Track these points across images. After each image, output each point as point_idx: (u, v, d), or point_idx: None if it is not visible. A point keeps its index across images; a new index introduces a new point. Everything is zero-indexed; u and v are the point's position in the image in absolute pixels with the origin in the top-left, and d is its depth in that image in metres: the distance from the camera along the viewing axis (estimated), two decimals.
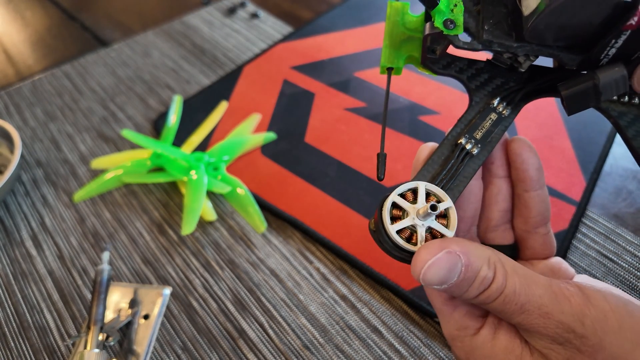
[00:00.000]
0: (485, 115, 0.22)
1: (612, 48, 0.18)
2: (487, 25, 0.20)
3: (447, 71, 0.23)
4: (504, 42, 0.20)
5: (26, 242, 0.37)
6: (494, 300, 0.19)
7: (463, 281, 0.18)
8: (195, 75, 0.52)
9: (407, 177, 0.39)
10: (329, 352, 0.30)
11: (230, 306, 0.33)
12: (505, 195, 0.24)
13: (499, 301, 0.19)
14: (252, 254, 0.35)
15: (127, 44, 0.57)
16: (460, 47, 0.20)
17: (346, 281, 0.33)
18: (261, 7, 0.61)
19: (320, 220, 0.36)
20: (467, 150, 0.22)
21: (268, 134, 0.43)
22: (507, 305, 0.19)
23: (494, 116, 0.22)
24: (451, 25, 0.20)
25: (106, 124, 0.47)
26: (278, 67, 0.51)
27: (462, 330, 0.21)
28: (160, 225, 0.38)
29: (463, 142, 0.22)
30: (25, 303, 0.34)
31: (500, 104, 0.22)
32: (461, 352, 0.22)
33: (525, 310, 0.19)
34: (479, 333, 0.21)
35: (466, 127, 0.22)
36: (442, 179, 0.21)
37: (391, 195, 0.20)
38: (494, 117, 0.22)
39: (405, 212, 0.20)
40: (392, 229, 0.19)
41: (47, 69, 0.55)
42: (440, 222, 0.20)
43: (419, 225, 0.19)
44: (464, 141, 0.22)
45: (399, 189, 0.20)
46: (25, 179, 0.42)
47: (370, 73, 0.49)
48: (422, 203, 0.20)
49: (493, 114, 0.22)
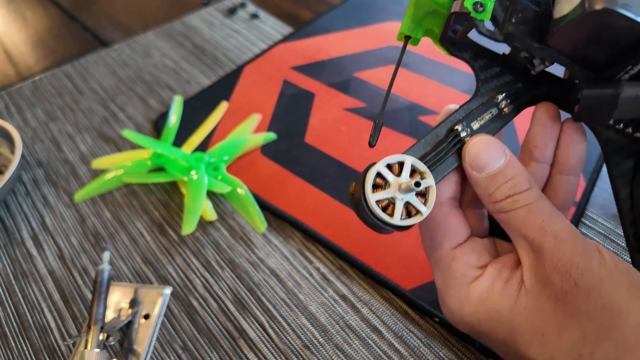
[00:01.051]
0: (487, 109, 0.22)
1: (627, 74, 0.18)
2: (514, 19, 0.20)
3: (461, 54, 0.23)
4: (526, 40, 0.20)
5: (27, 242, 0.37)
6: (520, 207, 0.20)
7: (500, 174, 0.20)
8: (196, 75, 0.52)
9: None
10: (329, 352, 0.30)
11: (231, 306, 0.33)
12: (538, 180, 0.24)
13: (523, 210, 0.20)
14: (253, 253, 0.35)
15: (127, 45, 0.57)
16: (482, 33, 0.20)
17: (346, 281, 0.33)
18: (261, 8, 0.61)
19: (320, 220, 0.36)
20: (460, 138, 0.22)
21: (268, 134, 0.43)
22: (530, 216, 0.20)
23: (495, 111, 0.22)
24: (480, 9, 0.19)
25: (107, 124, 0.47)
26: (278, 67, 0.51)
27: (460, 278, 0.22)
28: (161, 225, 0.38)
29: (459, 129, 0.22)
30: (26, 303, 0.34)
31: (504, 101, 0.22)
32: (455, 301, 0.22)
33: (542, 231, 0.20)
34: (477, 280, 0.22)
35: (466, 115, 0.22)
36: (430, 159, 0.21)
37: (378, 164, 0.20)
38: (494, 112, 0.22)
39: (387, 183, 0.20)
40: (372, 198, 0.19)
41: (47, 69, 0.55)
42: (418, 199, 0.20)
43: (398, 199, 0.20)
44: (460, 128, 0.22)
45: (386, 160, 0.20)
46: (25, 179, 0.42)
47: (370, 73, 0.49)
48: (406, 178, 0.20)
49: (495, 109, 0.22)
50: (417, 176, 0.21)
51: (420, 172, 0.21)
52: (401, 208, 0.20)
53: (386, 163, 0.20)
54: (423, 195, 0.21)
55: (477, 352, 0.29)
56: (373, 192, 0.20)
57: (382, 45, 0.53)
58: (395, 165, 0.21)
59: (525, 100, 0.23)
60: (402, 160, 0.20)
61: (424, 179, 0.20)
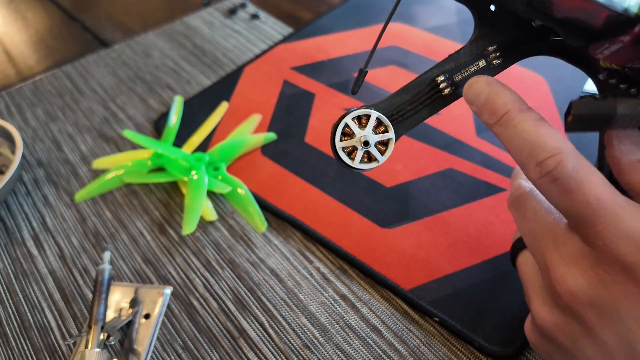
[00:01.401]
0: (475, 60, 0.22)
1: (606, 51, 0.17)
2: None
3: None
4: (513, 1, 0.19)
5: (27, 241, 0.37)
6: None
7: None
8: (196, 75, 0.52)
9: (407, 177, 0.39)
10: (329, 352, 0.30)
11: (231, 306, 0.33)
12: None
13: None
14: (253, 253, 0.36)
15: (127, 45, 0.57)
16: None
17: (346, 281, 0.34)
18: (261, 8, 0.62)
19: (320, 220, 0.36)
20: (439, 89, 0.22)
21: (268, 134, 0.43)
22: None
23: (482, 63, 0.22)
24: None
25: (107, 124, 0.47)
26: (278, 67, 0.51)
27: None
28: (161, 225, 0.38)
29: (441, 79, 0.22)
30: (27, 302, 0.34)
31: (495, 53, 0.22)
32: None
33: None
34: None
35: (454, 66, 0.22)
36: (407, 109, 0.23)
37: (347, 116, 0.22)
38: (481, 65, 0.22)
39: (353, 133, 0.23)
40: (338, 145, 0.22)
41: (48, 69, 0.55)
42: (379, 148, 0.23)
43: (359, 148, 0.22)
44: (442, 79, 0.22)
45: (353, 113, 0.23)
46: (26, 179, 0.42)
47: (370, 74, 0.49)
48: (369, 131, 0.22)
49: (483, 60, 0.22)
50: (382, 128, 0.23)
51: (384, 125, 0.23)
52: (360, 155, 0.23)
53: (354, 115, 0.23)
54: (386, 145, 0.23)
55: (476, 352, 0.29)
56: (341, 139, 0.23)
57: (382, 46, 0.53)
58: (364, 117, 0.23)
59: (519, 53, 0.22)
60: (369, 114, 0.22)
61: (386, 132, 0.23)
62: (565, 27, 0.19)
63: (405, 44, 0.53)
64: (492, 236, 0.34)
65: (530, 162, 0.20)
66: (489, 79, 0.22)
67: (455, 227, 0.35)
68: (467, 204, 0.37)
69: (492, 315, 0.30)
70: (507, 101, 0.21)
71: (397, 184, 0.39)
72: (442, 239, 0.35)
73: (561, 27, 0.19)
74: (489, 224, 0.35)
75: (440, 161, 0.40)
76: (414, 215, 0.36)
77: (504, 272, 0.32)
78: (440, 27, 0.55)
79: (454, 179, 0.38)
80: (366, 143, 0.22)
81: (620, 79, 0.20)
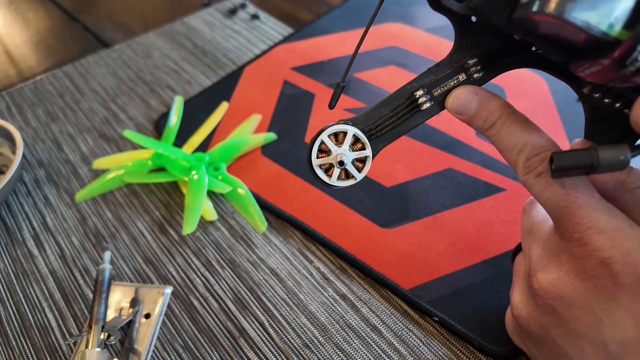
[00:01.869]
0: (455, 74, 0.22)
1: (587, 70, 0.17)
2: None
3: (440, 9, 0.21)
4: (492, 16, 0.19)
5: (28, 241, 0.38)
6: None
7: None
8: (196, 76, 0.52)
9: (407, 177, 0.39)
10: (328, 351, 0.30)
11: (231, 305, 0.33)
12: None
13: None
14: (253, 253, 0.36)
15: (128, 45, 0.57)
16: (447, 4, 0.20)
17: (346, 280, 0.34)
18: (261, 9, 0.62)
19: (320, 220, 0.37)
20: (417, 104, 0.22)
21: (268, 135, 0.43)
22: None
23: (462, 77, 0.22)
24: None
25: (107, 124, 0.47)
26: (278, 68, 0.51)
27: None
28: (161, 224, 0.38)
29: (419, 94, 0.22)
30: (27, 302, 0.34)
31: (476, 66, 0.22)
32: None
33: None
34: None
35: (433, 80, 0.22)
36: (386, 124, 0.23)
37: (323, 134, 0.22)
38: (461, 78, 0.22)
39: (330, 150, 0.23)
40: (315, 162, 0.22)
41: (48, 69, 0.55)
42: (356, 165, 0.23)
43: (336, 166, 0.22)
44: (421, 93, 0.22)
45: (330, 130, 0.22)
46: (27, 179, 0.42)
47: (370, 74, 0.50)
48: (346, 148, 0.22)
49: (463, 74, 0.22)
50: (359, 145, 0.23)
51: (362, 142, 0.22)
52: (338, 173, 0.22)
53: (331, 132, 0.22)
54: (364, 162, 0.23)
55: (475, 352, 0.29)
56: (318, 156, 0.22)
57: (382, 46, 0.53)
58: (341, 134, 0.22)
59: (500, 65, 0.22)
60: (345, 130, 0.22)
61: (364, 149, 0.22)
62: (546, 44, 0.18)
63: (405, 44, 0.53)
64: (492, 236, 0.34)
65: (519, 160, 0.21)
66: (476, 88, 0.22)
67: (455, 227, 0.35)
68: (466, 204, 0.37)
69: (491, 315, 0.30)
70: (499, 106, 0.22)
71: (397, 183, 0.39)
72: (441, 238, 0.35)
73: (542, 43, 0.18)
74: (489, 224, 0.35)
75: (439, 161, 0.40)
76: (414, 215, 0.36)
77: (503, 271, 0.32)
78: (440, 27, 0.55)
79: (453, 179, 0.39)
80: (341, 163, 0.22)
81: (604, 93, 0.20)
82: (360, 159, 0.23)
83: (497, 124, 0.22)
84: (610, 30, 0.15)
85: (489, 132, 0.22)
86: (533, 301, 0.22)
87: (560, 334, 0.21)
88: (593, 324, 0.20)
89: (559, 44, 0.18)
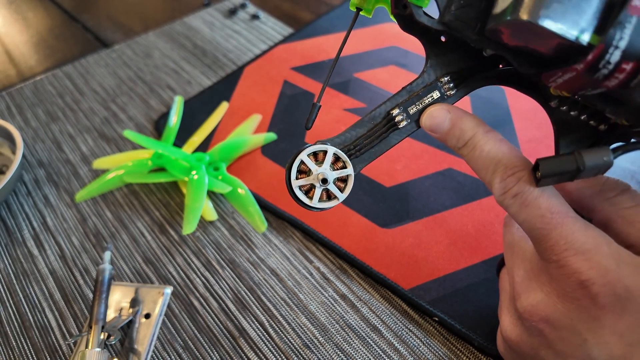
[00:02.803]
0: (429, 92, 0.22)
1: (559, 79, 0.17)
2: (454, 6, 0.19)
3: (411, 30, 0.22)
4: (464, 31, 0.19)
5: (28, 241, 0.38)
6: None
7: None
8: (196, 76, 0.52)
9: (407, 177, 0.39)
10: (328, 351, 0.30)
11: (231, 305, 0.33)
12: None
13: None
14: (253, 253, 0.36)
15: (128, 45, 0.57)
16: (419, 21, 0.20)
17: (346, 280, 0.34)
18: (262, 9, 0.62)
19: (320, 220, 0.37)
20: (394, 122, 0.22)
21: (268, 135, 0.43)
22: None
23: (436, 95, 0.22)
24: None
25: (107, 124, 0.47)
26: (278, 68, 0.51)
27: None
28: (161, 225, 0.38)
29: (395, 113, 0.22)
30: (27, 302, 0.34)
31: (448, 84, 0.22)
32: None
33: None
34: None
35: (407, 98, 0.22)
36: (364, 144, 0.22)
37: (302, 153, 0.22)
38: (435, 96, 0.22)
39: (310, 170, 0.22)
40: (294, 184, 0.22)
41: (48, 69, 0.55)
42: (338, 185, 0.22)
43: (317, 186, 0.22)
44: (397, 112, 0.22)
45: (309, 149, 0.22)
46: (27, 179, 0.42)
47: (370, 74, 0.50)
48: (326, 167, 0.22)
49: (436, 92, 0.22)
50: (340, 164, 0.22)
51: (342, 160, 0.22)
52: (319, 193, 0.22)
53: (311, 151, 0.22)
54: (345, 181, 0.22)
55: (475, 351, 0.29)
56: (297, 177, 0.22)
57: (382, 46, 0.53)
58: (321, 153, 0.22)
59: (472, 82, 0.22)
60: (325, 150, 0.22)
61: (345, 167, 0.22)
62: (517, 56, 0.19)
63: (405, 44, 0.53)
64: (492, 236, 0.34)
65: (494, 181, 0.21)
66: (449, 107, 0.22)
67: (455, 227, 0.35)
68: (466, 204, 0.37)
69: (491, 315, 0.30)
70: (473, 125, 0.22)
71: (397, 183, 0.39)
72: (441, 238, 0.35)
73: (513, 56, 0.19)
74: (489, 224, 0.35)
75: (439, 161, 0.40)
76: (414, 215, 0.36)
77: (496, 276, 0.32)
78: None
79: (453, 179, 0.39)
80: (324, 181, 0.21)
81: (570, 106, 0.21)
82: (341, 179, 0.22)
83: (469, 143, 0.21)
84: (582, 35, 0.15)
85: (462, 151, 0.22)
86: (520, 323, 0.22)
87: (550, 355, 0.21)
88: (579, 344, 0.20)
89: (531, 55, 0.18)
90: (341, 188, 0.22)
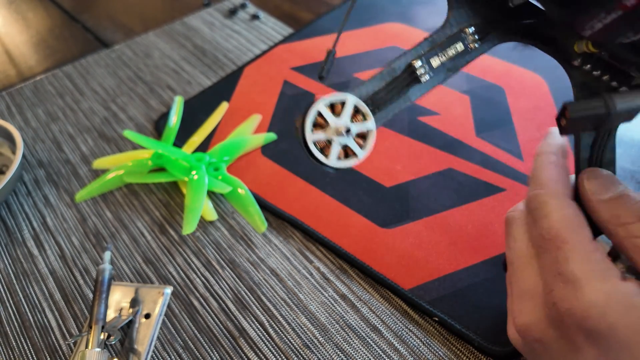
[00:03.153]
0: (452, 43, 0.21)
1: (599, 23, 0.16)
2: None
3: None
4: None
5: (28, 241, 0.38)
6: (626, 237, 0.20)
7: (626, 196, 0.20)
8: (196, 76, 0.52)
9: (406, 177, 0.39)
10: (328, 351, 0.30)
11: (231, 305, 0.33)
12: None
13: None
14: (253, 253, 0.36)
15: (128, 45, 0.57)
16: None
17: (346, 280, 0.34)
18: (262, 9, 0.62)
19: (320, 220, 0.37)
20: (416, 75, 0.21)
21: (268, 135, 0.43)
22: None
23: (460, 47, 0.21)
24: None
25: (107, 124, 0.47)
26: (278, 68, 0.51)
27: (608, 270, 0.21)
28: (161, 225, 0.38)
29: (417, 65, 0.20)
30: (27, 302, 0.34)
31: (472, 35, 0.21)
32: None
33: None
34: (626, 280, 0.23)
35: (429, 50, 0.21)
36: (382, 96, 0.20)
37: (319, 102, 0.19)
38: (459, 48, 0.21)
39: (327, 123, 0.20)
40: (309, 138, 0.19)
41: (48, 69, 0.55)
42: (357, 141, 0.20)
43: (335, 142, 0.19)
44: (418, 64, 0.20)
45: (327, 99, 0.19)
46: (27, 179, 0.42)
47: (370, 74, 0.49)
48: (346, 119, 0.19)
49: (460, 44, 0.21)
50: (360, 117, 0.20)
51: (362, 113, 0.20)
52: (337, 150, 0.19)
53: (328, 102, 0.20)
54: (364, 137, 0.20)
55: (476, 352, 0.29)
56: (313, 131, 0.19)
57: (383, 46, 0.53)
58: (339, 105, 0.20)
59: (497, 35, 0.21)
60: (344, 100, 0.20)
61: (365, 120, 0.20)
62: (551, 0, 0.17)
63: (405, 44, 0.53)
64: (492, 236, 0.34)
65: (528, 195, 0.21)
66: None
67: (455, 227, 0.35)
68: (466, 204, 0.37)
69: (492, 315, 0.30)
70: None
71: (397, 183, 0.39)
72: (441, 238, 0.35)
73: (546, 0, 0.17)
74: (489, 224, 0.35)
75: (440, 161, 0.40)
76: (414, 215, 0.36)
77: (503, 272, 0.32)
78: None
79: (453, 179, 0.39)
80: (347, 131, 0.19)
81: (594, 65, 0.19)
82: (360, 134, 0.20)
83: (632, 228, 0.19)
84: None
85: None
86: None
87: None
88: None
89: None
90: (360, 145, 0.20)
